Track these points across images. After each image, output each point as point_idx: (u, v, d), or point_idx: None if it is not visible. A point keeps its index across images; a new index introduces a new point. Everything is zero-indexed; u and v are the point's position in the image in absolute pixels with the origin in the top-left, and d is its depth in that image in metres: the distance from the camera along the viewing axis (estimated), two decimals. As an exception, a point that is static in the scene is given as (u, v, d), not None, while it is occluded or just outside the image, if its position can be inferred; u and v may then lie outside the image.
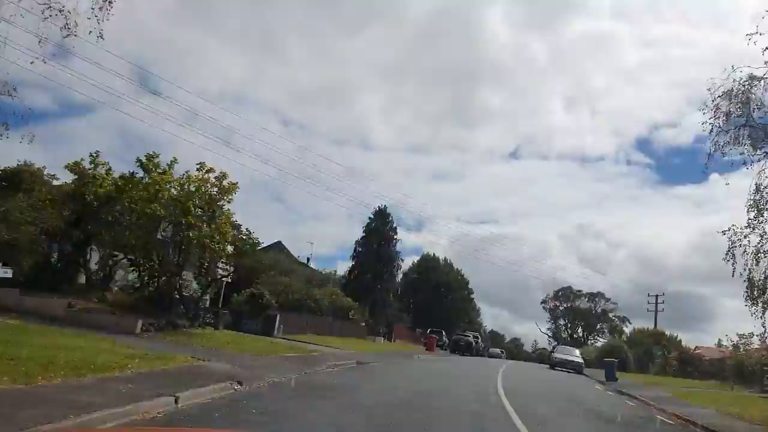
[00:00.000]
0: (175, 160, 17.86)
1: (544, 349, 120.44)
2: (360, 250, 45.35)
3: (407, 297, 71.66)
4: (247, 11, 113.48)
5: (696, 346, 55.58)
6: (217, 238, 17.03)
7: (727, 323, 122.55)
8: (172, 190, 17.11)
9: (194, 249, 17.50)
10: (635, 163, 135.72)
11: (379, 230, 44.90)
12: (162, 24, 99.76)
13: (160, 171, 17.23)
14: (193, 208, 16.62)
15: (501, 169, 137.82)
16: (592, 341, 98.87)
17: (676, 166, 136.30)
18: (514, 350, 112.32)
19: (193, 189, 17.21)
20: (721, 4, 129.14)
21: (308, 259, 53.77)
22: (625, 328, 74.24)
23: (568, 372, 32.62)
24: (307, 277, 41.54)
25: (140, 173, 17.56)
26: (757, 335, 37.28)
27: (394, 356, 25.13)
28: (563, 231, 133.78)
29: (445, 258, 76.16)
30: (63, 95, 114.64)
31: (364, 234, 45.67)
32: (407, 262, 70.88)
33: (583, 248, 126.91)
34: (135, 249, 17.47)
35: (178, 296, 19.41)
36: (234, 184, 18.20)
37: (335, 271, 48.43)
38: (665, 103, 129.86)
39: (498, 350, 74.13)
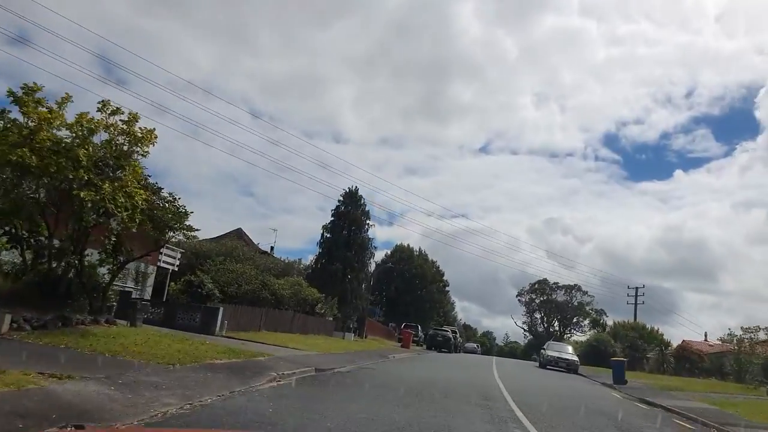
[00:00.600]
0: (68, 98, 12.96)
1: (516, 342, 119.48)
2: (328, 236, 40.33)
3: (380, 289, 67.53)
4: (218, 0, 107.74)
5: (683, 341, 52.81)
6: (122, 200, 12.26)
7: (690, 316, 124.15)
8: (59, 133, 12.28)
9: (91, 215, 12.70)
10: (603, 159, 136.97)
11: (350, 214, 40.00)
12: (129, 12, 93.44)
13: (45, 109, 12.36)
14: (85, 159, 11.82)
15: (472, 163, 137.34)
16: (569, 335, 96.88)
17: (643, 162, 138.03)
18: (487, 344, 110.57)
19: (87, 134, 12.39)
20: (685, 4, 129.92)
21: (272, 248, 49.10)
22: (608, 322, 70.68)
23: (562, 371, 28.93)
24: (263, 266, 36.85)
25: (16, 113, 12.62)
26: (762, 328, 34.33)
27: (365, 357, 20.76)
28: (532, 225, 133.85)
29: (419, 249, 72.10)
30: (24, 83, 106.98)
31: (332, 218, 40.75)
32: (379, 254, 67.01)
33: (552, 242, 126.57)
34: (3, 215, 12.55)
35: (80, 282, 14.61)
36: (150, 131, 13.45)
37: (300, 260, 43.63)
38: (632, 101, 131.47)
39: (473, 345, 70.78)
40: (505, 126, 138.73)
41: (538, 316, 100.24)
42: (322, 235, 40.44)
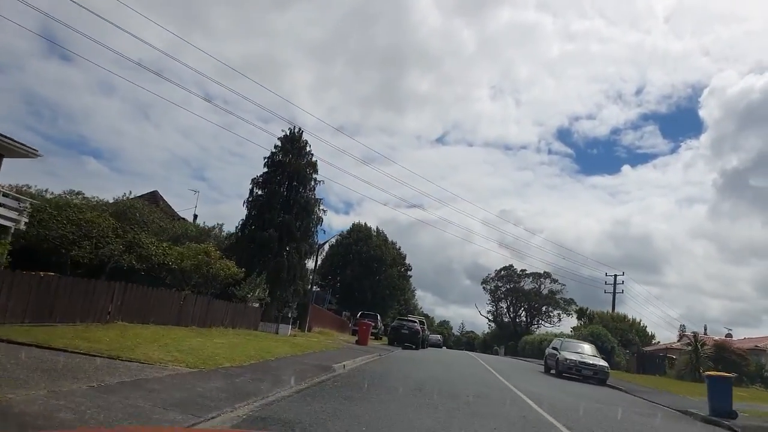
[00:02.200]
0: None
1: (472, 332, 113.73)
2: (259, 192, 29.47)
3: (333, 272, 57.80)
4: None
5: (693, 336, 45.28)
6: None
7: (634, 307, 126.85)
8: None
9: None
10: (556, 153, 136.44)
11: (290, 163, 29.41)
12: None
13: None
14: None
15: (428, 154, 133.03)
16: (536, 326, 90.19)
17: (593, 156, 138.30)
18: (446, 333, 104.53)
19: None
20: (637, 4, 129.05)
21: (195, 216, 38.58)
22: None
23: (582, 381, 20.09)
24: (171, 231, 26.48)
25: None
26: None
27: (288, 376, 10.93)
28: (486, 216, 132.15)
29: (377, 228, 62.74)
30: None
31: (266, 169, 29.97)
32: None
33: (504, 233, 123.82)
34: None
35: None
36: None
37: (220, 225, 32.45)
38: (585, 96, 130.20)
39: (437, 337, 62.60)
40: (461, 117, 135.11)
41: (504, 305, 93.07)
42: (251, 191, 29.44)
